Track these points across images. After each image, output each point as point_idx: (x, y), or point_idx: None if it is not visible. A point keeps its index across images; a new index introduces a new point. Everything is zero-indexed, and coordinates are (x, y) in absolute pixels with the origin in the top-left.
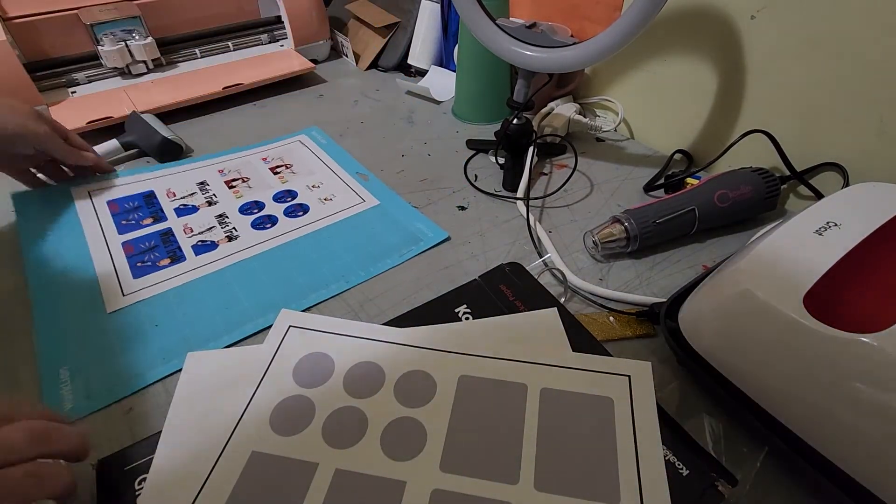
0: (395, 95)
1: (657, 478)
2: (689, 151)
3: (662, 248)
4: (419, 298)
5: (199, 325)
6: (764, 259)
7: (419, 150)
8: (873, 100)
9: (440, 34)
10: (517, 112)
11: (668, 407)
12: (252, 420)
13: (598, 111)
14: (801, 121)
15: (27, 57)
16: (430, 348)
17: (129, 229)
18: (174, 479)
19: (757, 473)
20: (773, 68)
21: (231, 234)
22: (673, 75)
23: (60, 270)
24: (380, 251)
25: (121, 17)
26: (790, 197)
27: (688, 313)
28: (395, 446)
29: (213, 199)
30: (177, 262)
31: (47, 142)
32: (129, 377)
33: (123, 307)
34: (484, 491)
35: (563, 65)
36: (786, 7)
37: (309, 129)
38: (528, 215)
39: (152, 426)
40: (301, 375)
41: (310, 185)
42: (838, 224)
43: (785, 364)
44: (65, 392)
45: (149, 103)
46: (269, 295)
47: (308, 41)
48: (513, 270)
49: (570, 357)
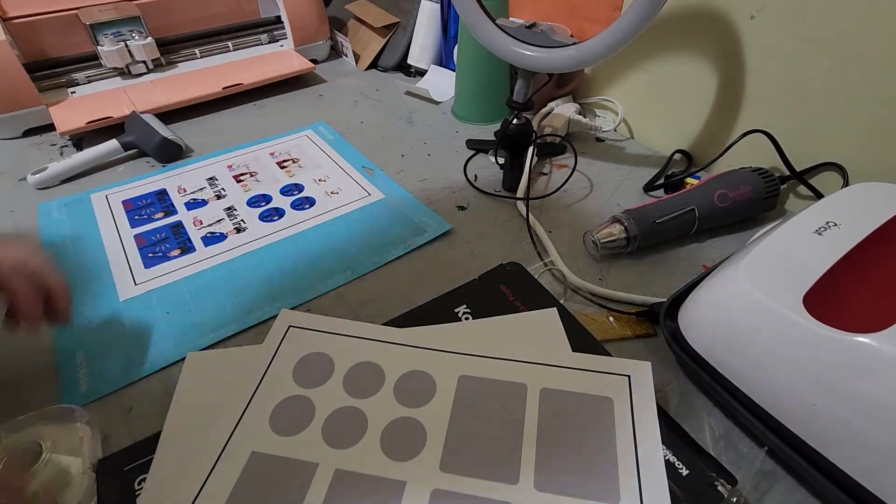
0: (394, 95)
1: (657, 478)
2: (689, 151)
3: (662, 248)
4: (419, 298)
5: (209, 313)
6: (764, 259)
7: (419, 150)
8: (873, 100)
9: (440, 34)
10: (517, 112)
11: (668, 407)
12: (252, 420)
13: (597, 111)
14: (801, 121)
15: (27, 57)
16: (430, 348)
17: (141, 223)
18: (174, 479)
19: (757, 473)
20: (773, 68)
21: (239, 226)
22: (673, 75)
23: (76, 263)
24: (385, 242)
25: (120, 17)
26: (790, 197)
27: (688, 313)
28: (395, 446)
29: (221, 193)
30: (187, 252)
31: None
32: (141, 361)
33: (135, 296)
34: (484, 491)
35: (563, 65)
36: (786, 7)
37: (316, 125)
38: (528, 215)
39: (152, 426)
40: (301, 375)
41: (316, 178)
42: (838, 224)
43: (784, 364)
44: (81, 375)
45: (148, 103)
46: (277, 285)
47: (308, 41)
48: (513, 270)
49: (570, 357)
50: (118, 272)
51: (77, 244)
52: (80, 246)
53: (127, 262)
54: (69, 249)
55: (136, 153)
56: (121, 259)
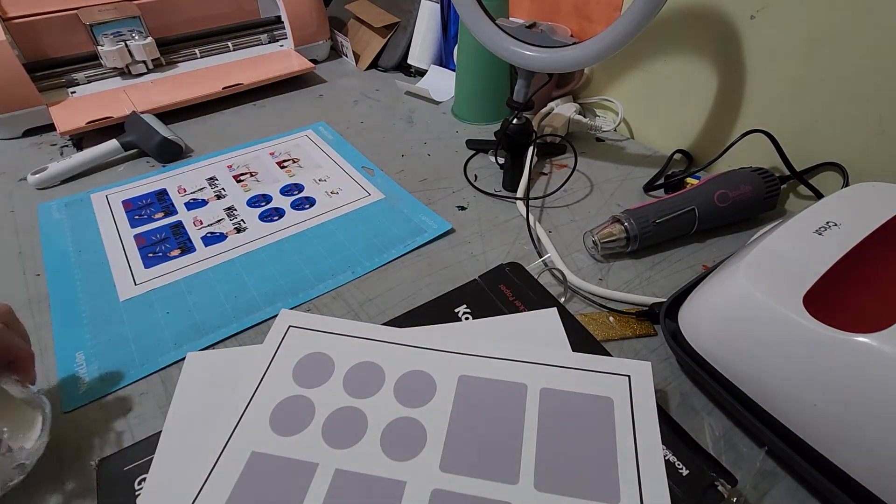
0: (394, 95)
1: (657, 478)
2: (689, 151)
3: (662, 248)
4: (419, 298)
5: (209, 313)
6: (764, 259)
7: (419, 150)
8: (873, 100)
9: (440, 34)
10: (517, 112)
11: (668, 407)
12: (252, 420)
13: (597, 111)
14: (800, 121)
15: (27, 57)
16: (430, 348)
17: (141, 223)
18: (174, 479)
19: (757, 473)
20: (773, 68)
21: (239, 226)
22: (673, 75)
23: (76, 262)
24: (385, 242)
25: (120, 17)
26: (790, 197)
27: (687, 313)
28: (394, 446)
29: (221, 193)
30: (187, 252)
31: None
32: (141, 361)
33: (135, 296)
34: (484, 491)
35: (563, 65)
36: (785, 7)
37: (316, 125)
38: (528, 215)
39: (152, 426)
40: (301, 375)
41: (316, 178)
42: (838, 224)
43: (784, 364)
44: (80, 374)
45: (148, 103)
46: (277, 285)
47: (308, 41)
48: (513, 270)
49: (570, 357)
50: (118, 272)
51: (77, 244)
52: (79, 246)
53: (127, 262)
54: (69, 250)
55: (136, 153)
56: (121, 259)
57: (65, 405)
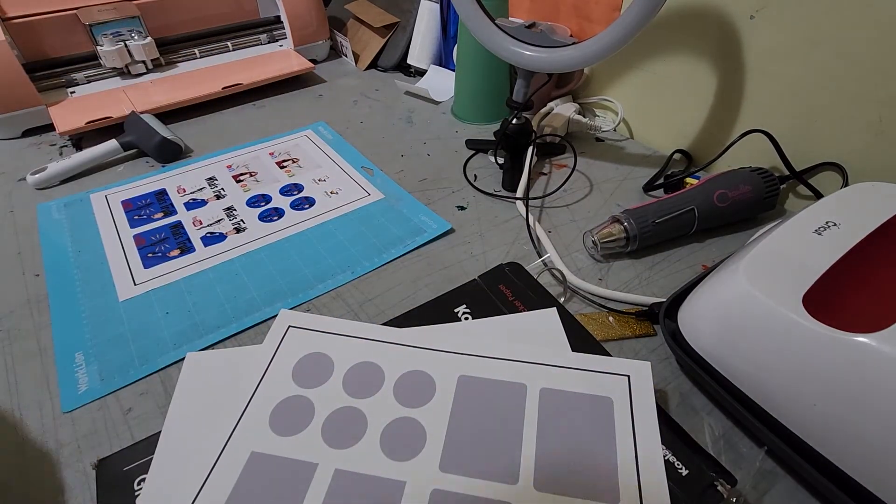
0: (394, 95)
1: (657, 478)
2: (689, 151)
3: (662, 248)
4: (419, 298)
5: (209, 313)
6: (763, 259)
7: (418, 150)
8: (872, 100)
9: (439, 34)
10: (516, 112)
11: (667, 407)
12: (252, 420)
13: (597, 111)
14: (800, 121)
15: (26, 57)
16: (429, 348)
17: (141, 223)
18: (174, 480)
19: (756, 473)
20: (773, 68)
21: (239, 226)
22: (672, 75)
23: (75, 263)
24: (384, 242)
25: (120, 17)
26: (789, 197)
27: (687, 313)
28: (394, 446)
29: (221, 193)
30: (186, 252)
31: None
32: (141, 362)
33: (135, 296)
34: (483, 491)
35: (563, 65)
36: (785, 7)
37: (316, 125)
38: (528, 215)
39: (152, 426)
40: (300, 375)
41: (316, 178)
42: (837, 224)
43: (784, 364)
44: (80, 375)
45: (148, 103)
46: (277, 285)
47: (307, 41)
48: (512, 270)
49: (570, 357)
50: (117, 272)
51: (76, 244)
52: (79, 246)
53: (126, 262)
54: (69, 250)
55: (135, 153)
56: (120, 259)
57: (64, 405)
